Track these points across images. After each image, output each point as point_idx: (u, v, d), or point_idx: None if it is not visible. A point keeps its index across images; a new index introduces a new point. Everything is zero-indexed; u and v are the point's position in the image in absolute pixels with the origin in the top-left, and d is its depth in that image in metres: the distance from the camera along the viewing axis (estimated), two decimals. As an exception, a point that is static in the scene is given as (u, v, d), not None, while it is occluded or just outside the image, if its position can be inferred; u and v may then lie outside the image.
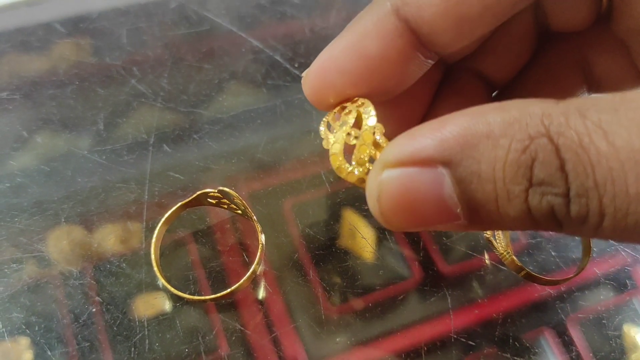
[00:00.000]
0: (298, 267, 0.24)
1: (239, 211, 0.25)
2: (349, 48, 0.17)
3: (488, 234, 0.25)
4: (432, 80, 0.21)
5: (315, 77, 0.17)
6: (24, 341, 0.22)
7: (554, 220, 0.13)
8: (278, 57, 0.30)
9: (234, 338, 0.23)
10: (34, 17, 0.30)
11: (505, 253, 0.23)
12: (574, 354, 0.23)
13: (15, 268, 0.24)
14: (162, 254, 0.24)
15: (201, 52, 0.30)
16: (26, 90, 0.28)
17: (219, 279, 0.24)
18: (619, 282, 0.25)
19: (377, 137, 0.17)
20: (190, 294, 0.23)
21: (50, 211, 0.25)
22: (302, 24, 0.32)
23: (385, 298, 0.24)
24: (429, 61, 0.17)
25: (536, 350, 0.23)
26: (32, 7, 0.31)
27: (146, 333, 0.22)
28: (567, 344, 0.24)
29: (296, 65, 0.30)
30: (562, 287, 0.25)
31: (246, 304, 0.23)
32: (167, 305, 0.23)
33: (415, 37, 0.16)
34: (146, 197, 0.25)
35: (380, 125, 0.17)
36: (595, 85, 0.20)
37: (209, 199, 0.24)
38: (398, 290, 0.24)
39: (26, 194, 0.25)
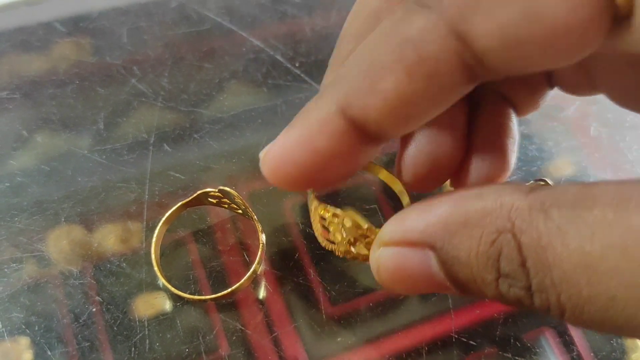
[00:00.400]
0: (299, 267, 0.24)
1: (240, 211, 0.25)
2: (300, 143, 0.17)
3: None
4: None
5: (270, 167, 0.18)
6: (24, 341, 0.22)
7: (524, 306, 0.14)
8: (279, 57, 0.30)
9: (234, 338, 0.23)
10: (34, 17, 0.30)
11: None
12: (574, 353, 0.23)
13: (15, 268, 0.24)
14: (163, 254, 0.24)
15: (202, 51, 0.30)
16: (26, 89, 0.28)
17: (219, 279, 0.24)
18: None
19: (347, 224, 0.19)
20: (190, 293, 0.23)
21: (50, 211, 0.25)
22: (303, 23, 0.32)
23: (386, 298, 0.24)
24: (381, 146, 0.18)
25: (537, 350, 0.23)
26: (32, 7, 0.31)
27: (146, 333, 0.22)
28: (567, 343, 0.24)
29: (297, 65, 0.30)
30: None
31: (247, 304, 0.23)
32: (168, 305, 0.23)
33: (364, 132, 0.17)
34: (146, 196, 0.25)
35: (350, 213, 0.19)
36: (553, 84, 0.21)
37: (209, 199, 0.24)
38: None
39: (26, 194, 0.25)
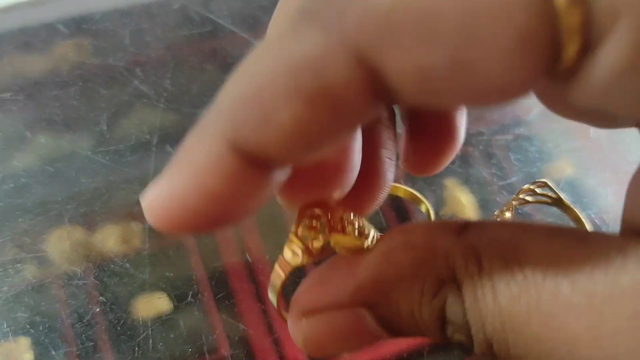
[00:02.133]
0: (299, 267, 0.24)
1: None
2: (189, 185, 0.14)
3: None
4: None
5: (157, 213, 0.14)
6: (28, 341, 0.22)
7: (466, 347, 0.14)
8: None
9: (236, 338, 0.23)
10: (37, 18, 0.30)
11: None
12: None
13: (19, 268, 0.24)
14: (165, 254, 0.24)
15: (204, 53, 0.30)
16: (29, 91, 0.28)
17: (221, 279, 0.24)
18: None
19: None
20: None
21: (53, 211, 0.25)
22: (305, 26, 0.32)
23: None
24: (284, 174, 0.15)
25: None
26: (35, 8, 0.31)
27: (149, 333, 0.23)
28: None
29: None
30: None
31: (248, 304, 0.23)
32: (170, 306, 0.23)
33: (261, 164, 0.14)
34: (149, 197, 0.26)
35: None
36: None
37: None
38: None
39: (30, 195, 0.25)
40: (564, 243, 0.12)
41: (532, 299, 0.12)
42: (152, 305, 0.23)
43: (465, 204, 0.27)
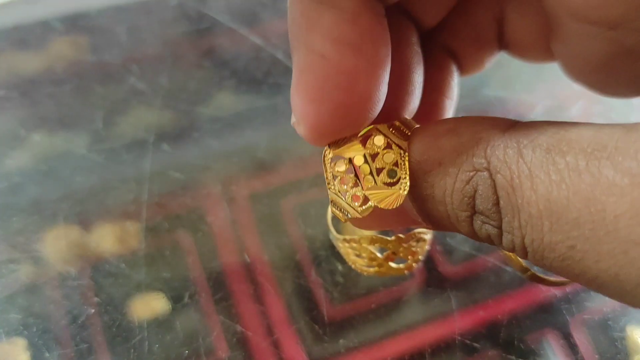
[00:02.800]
0: (299, 268, 0.24)
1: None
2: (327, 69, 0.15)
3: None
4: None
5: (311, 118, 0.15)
6: (22, 342, 0.22)
7: (494, 243, 0.14)
8: (279, 56, 0.30)
9: (234, 340, 0.22)
10: (32, 15, 0.30)
11: (510, 253, 0.23)
12: (578, 356, 0.23)
13: (13, 268, 0.23)
14: (161, 254, 0.24)
15: (201, 50, 0.30)
16: (24, 88, 0.28)
17: (218, 280, 0.24)
18: None
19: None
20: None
21: (48, 211, 0.25)
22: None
23: (388, 299, 0.24)
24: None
25: (540, 352, 0.23)
26: (30, 5, 0.30)
27: (145, 334, 0.22)
28: (571, 345, 0.23)
29: (297, 64, 0.29)
30: (567, 289, 0.24)
31: (246, 306, 0.23)
32: (167, 307, 0.23)
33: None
34: (145, 196, 0.25)
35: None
36: (505, 45, 0.19)
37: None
38: (401, 291, 0.24)
39: (24, 194, 0.25)
40: (609, 133, 0.12)
41: (573, 184, 0.12)
42: (148, 306, 0.23)
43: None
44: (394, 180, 0.15)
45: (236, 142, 0.27)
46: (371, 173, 0.15)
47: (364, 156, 0.15)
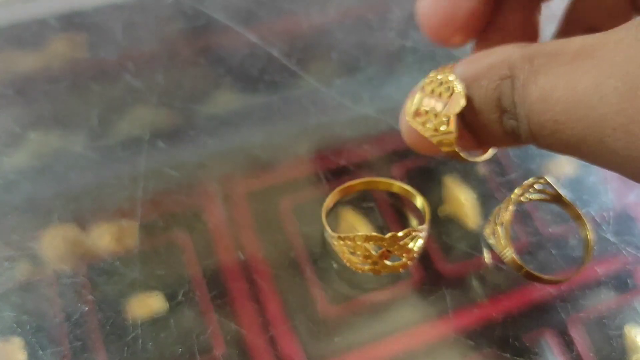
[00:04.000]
0: (295, 266, 0.24)
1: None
2: None
3: (487, 232, 0.24)
4: None
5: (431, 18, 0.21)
6: (16, 340, 0.22)
7: (516, 135, 0.18)
8: (275, 53, 0.30)
9: (229, 338, 0.22)
10: (28, 12, 0.30)
11: (505, 251, 0.23)
12: (574, 354, 0.23)
13: (7, 266, 0.23)
14: (157, 253, 0.24)
15: (197, 47, 0.30)
16: (19, 86, 0.28)
17: (214, 277, 0.23)
18: (620, 282, 0.25)
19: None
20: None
21: (43, 209, 0.25)
22: (300, 19, 0.31)
23: (384, 297, 0.24)
24: None
25: (536, 351, 0.23)
26: (26, 3, 0.30)
27: (140, 332, 0.22)
28: (567, 344, 0.23)
29: (294, 61, 0.29)
30: (563, 287, 0.24)
31: (242, 303, 0.23)
32: (162, 305, 0.23)
33: None
34: (140, 194, 0.25)
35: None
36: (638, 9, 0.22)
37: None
38: (397, 289, 0.24)
39: (18, 191, 0.25)
40: (600, 38, 0.16)
41: (559, 74, 0.16)
42: (143, 304, 0.23)
43: (464, 202, 0.26)
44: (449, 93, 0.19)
45: (232, 140, 0.27)
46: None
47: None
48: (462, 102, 0.18)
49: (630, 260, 0.25)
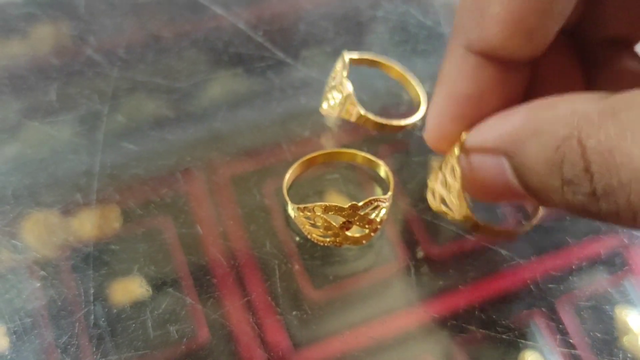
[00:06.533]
0: (280, 250, 0.23)
1: None
2: (450, 98, 0.18)
3: (433, 200, 0.23)
4: None
5: (435, 132, 0.19)
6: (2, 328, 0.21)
7: (592, 214, 0.14)
8: (241, 25, 0.29)
9: (215, 326, 0.21)
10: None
11: (445, 209, 0.21)
12: (565, 336, 0.22)
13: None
14: (142, 241, 0.23)
15: (161, 20, 0.29)
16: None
17: (201, 268, 0.22)
18: (611, 264, 0.24)
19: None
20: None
21: (-3, 184, 0.24)
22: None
23: (370, 282, 0.23)
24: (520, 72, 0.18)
25: (526, 332, 0.22)
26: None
27: (124, 321, 0.21)
28: (557, 325, 0.22)
29: (260, 33, 0.28)
30: (552, 269, 0.23)
31: (227, 289, 0.22)
32: (147, 294, 0.22)
33: (497, 61, 0.17)
34: (98, 168, 0.24)
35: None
36: None
37: None
38: (384, 273, 0.23)
39: (-27, 167, 0.24)
40: None
41: None
42: (127, 290, 0.22)
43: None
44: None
45: (193, 112, 0.26)
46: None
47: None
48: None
49: (623, 242, 0.24)
